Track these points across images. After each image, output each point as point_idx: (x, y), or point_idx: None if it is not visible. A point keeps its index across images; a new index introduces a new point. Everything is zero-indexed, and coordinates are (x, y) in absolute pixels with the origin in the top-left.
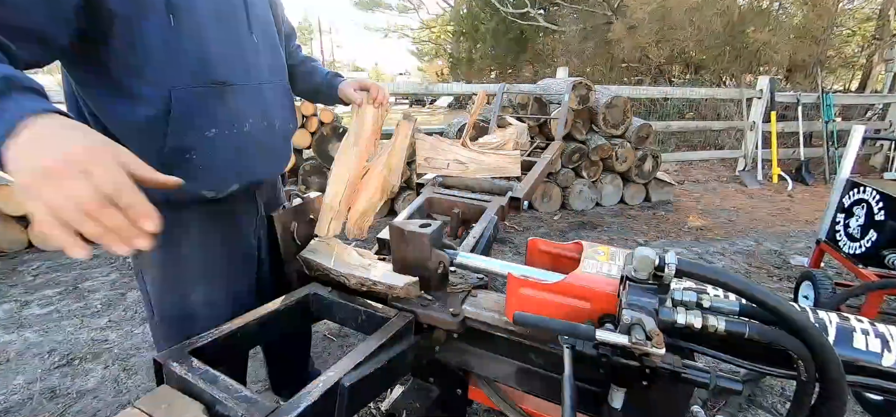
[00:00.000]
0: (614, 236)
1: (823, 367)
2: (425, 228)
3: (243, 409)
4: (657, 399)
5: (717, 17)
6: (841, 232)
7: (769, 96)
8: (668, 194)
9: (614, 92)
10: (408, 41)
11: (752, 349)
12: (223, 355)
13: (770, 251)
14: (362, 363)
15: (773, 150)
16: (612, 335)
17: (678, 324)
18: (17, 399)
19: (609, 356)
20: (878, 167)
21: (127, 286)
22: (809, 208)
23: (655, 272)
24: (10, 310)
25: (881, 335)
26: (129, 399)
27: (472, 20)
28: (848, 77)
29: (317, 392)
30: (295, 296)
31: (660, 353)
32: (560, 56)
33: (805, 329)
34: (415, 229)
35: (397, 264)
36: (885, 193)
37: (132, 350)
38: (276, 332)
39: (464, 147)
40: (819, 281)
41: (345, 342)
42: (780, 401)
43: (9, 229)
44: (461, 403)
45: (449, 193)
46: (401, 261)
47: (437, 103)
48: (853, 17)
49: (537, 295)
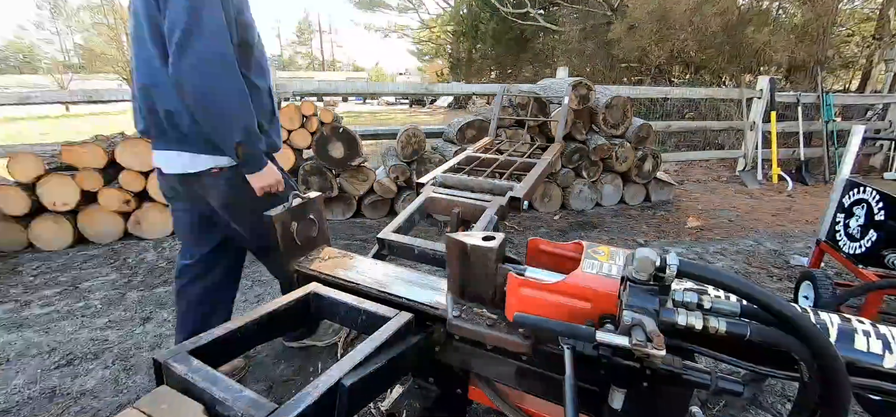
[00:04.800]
0: (614, 236)
1: (826, 369)
2: (489, 241)
3: (243, 409)
4: (657, 400)
5: (716, 17)
6: (841, 232)
7: (769, 96)
8: (668, 194)
9: (614, 92)
10: (408, 41)
11: (753, 350)
12: (223, 355)
13: (770, 252)
14: (362, 363)
15: (773, 150)
16: (612, 337)
17: (679, 325)
18: (17, 399)
19: (609, 357)
20: (878, 167)
21: (127, 286)
22: (809, 208)
23: (656, 273)
24: (10, 310)
25: (883, 336)
26: (129, 399)
27: (472, 20)
28: (848, 77)
29: (317, 392)
30: (295, 296)
31: (660, 354)
32: (560, 56)
33: (807, 331)
34: (478, 243)
35: (454, 280)
36: (885, 193)
37: (132, 350)
38: (276, 332)
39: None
40: (819, 281)
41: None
42: (780, 401)
43: (9, 229)
44: (461, 403)
45: (449, 192)
46: (460, 278)
47: (437, 103)
48: (853, 17)
49: (537, 295)
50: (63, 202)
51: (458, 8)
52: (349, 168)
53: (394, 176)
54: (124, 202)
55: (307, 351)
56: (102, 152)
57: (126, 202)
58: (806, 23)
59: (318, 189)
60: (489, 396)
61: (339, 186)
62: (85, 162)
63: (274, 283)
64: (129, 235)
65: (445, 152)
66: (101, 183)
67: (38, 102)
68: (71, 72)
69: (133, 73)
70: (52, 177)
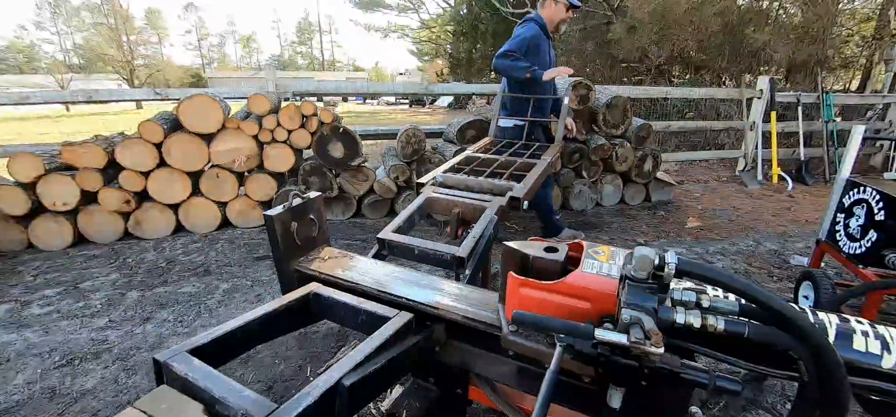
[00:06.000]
0: (614, 236)
1: (825, 368)
2: (552, 253)
3: (243, 409)
4: (656, 400)
5: (716, 17)
6: (841, 232)
7: (769, 96)
8: (668, 194)
9: (614, 92)
10: (408, 41)
11: (753, 350)
12: (223, 355)
13: (770, 251)
14: (362, 363)
15: (773, 150)
16: (610, 334)
17: (677, 324)
18: (17, 399)
19: (608, 356)
20: (878, 167)
21: (127, 286)
22: (809, 208)
23: (655, 272)
24: (10, 310)
25: (881, 336)
26: (129, 399)
27: (472, 20)
28: (848, 77)
29: (317, 392)
30: (295, 296)
31: (658, 352)
32: (560, 56)
33: (806, 330)
34: (540, 254)
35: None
36: (885, 193)
37: (132, 350)
38: (276, 332)
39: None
40: (819, 281)
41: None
42: (780, 401)
43: (9, 229)
44: (461, 403)
45: (449, 193)
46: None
47: (437, 103)
48: (853, 17)
49: (537, 295)
50: (63, 202)
51: (458, 8)
52: (349, 168)
53: (394, 176)
54: (124, 202)
55: (307, 351)
56: (102, 152)
57: (126, 202)
58: (806, 23)
59: (318, 189)
60: (489, 396)
61: (339, 186)
62: (85, 162)
63: (274, 283)
64: (129, 235)
65: (445, 152)
66: (101, 183)
67: (38, 102)
68: (71, 72)
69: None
70: (52, 177)
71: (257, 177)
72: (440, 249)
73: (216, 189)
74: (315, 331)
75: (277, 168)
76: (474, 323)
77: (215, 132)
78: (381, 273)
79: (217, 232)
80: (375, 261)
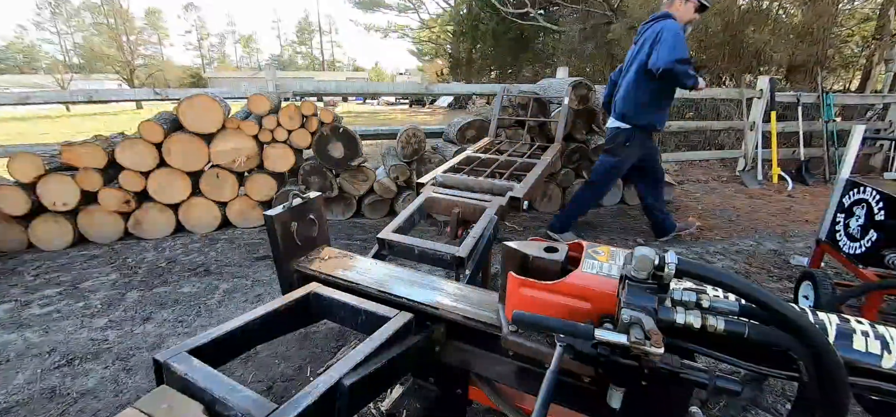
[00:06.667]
0: (614, 236)
1: (825, 369)
2: (552, 252)
3: (243, 408)
4: (656, 400)
5: (716, 16)
6: (841, 232)
7: (769, 96)
8: (669, 195)
9: None
10: (408, 41)
11: (753, 350)
12: (223, 355)
13: (770, 252)
14: (362, 363)
15: (774, 150)
16: (610, 334)
17: (677, 324)
18: (17, 399)
19: (607, 356)
20: (878, 167)
21: (127, 286)
22: (809, 208)
23: (655, 272)
24: (10, 310)
25: (881, 336)
26: (129, 399)
27: (472, 20)
28: (848, 77)
29: (317, 392)
30: (295, 296)
31: (658, 352)
32: (560, 56)
33: (805, 330)
34: (540, 254)
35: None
36: (885, 193)
37: (132, 350)
38: (276, 332)
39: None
40: (819, 281)
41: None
42: (780, 401)
43: (9, 229)
44: (461, 403)
45: (449, 192)
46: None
47: (437, 103)
48: (853, 17)
49: (537, 295)
50: (63, 202)
51: (458, 8)
52: (349, 168)
53: (394, 176)
54: (124, 202)
55: (307, 351)
56: (102, 152)
57: (126, 202)
58: (806, 23)
59: (318, 189)
60: (489, 396)
61: (339, 186)
62: (85, 162)
63: (274, 283)
64: (129, 235)
65: (445, 152)
66: (101, 183)
67: (38, 102)
68: (71, 72)
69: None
70: (52, 177)
71: (257, 177)
72: (440, 249)
73: (216, 189)
74: (315, 331)
75: (277, 168)
76: (474, 323)
77: (215, 132)
78: (381, 273)
79: (217, 232)
80: (375, 261)
